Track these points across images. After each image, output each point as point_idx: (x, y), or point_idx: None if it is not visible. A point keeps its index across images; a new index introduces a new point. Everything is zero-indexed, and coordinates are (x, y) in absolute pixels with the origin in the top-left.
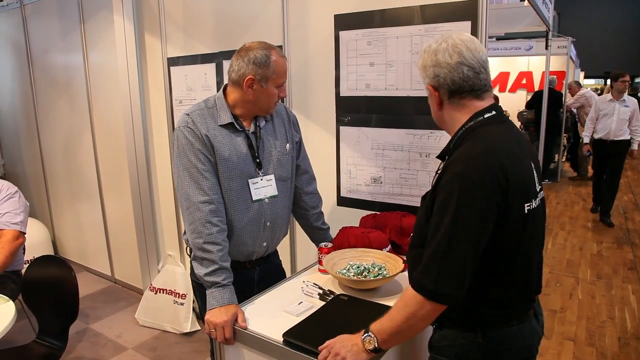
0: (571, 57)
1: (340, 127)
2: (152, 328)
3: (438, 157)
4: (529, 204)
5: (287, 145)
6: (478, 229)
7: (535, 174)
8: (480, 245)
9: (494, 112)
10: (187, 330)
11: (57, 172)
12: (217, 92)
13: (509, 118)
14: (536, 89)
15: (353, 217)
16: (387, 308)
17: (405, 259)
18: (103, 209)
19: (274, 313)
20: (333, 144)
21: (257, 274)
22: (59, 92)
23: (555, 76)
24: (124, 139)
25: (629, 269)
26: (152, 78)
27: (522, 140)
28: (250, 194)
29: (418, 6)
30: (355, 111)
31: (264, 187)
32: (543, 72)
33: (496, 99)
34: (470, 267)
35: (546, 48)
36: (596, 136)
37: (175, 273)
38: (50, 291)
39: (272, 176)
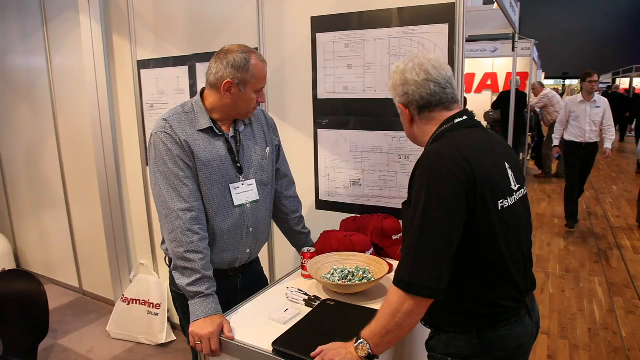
0: (534, 59)
1: (318, 130)
2: (125, 340)
3: (416, 164)
4: (502, 200)
5: (267, 149)
6: (449, 218)
7: (510, 173)
8: (453, 234)
9: (465, 117)
10: (163, 341)
11: (19, 181)
12: (194, 96)
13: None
14: (501, 89)
15: (332, 220)
16: (374, 311)
17: (389, 262)
18: (69, 218)
19: (260, 322)
20: (311, 147)
21: (240, 282)
22: (19, 96)
23: (518, 77)
24: (92, 144)
25: (595, 262)
26: (121, 81)
27: (495, 141)
28: (232, 199)
29: (396, 9)
30: (333, 114)
31: (245, 192)
32: (508, 73)
33: (465, 100)
34: (445, 257)
35: (513, 50)
36: (568, 138)
37: (149, 282)
38: (17, 307)
39: (253, 181)
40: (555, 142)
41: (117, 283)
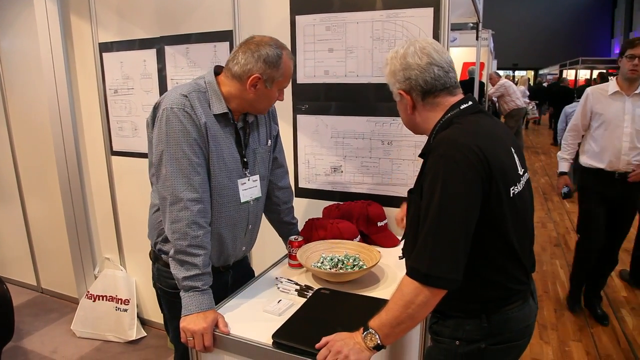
0: (490, 49)
1: (298, 116)
2: (92, 339)
3: (420, 156)
4: (513, 187)
5: (269, 141)
6: (466, 207)
7: (516, 158)
8: (470, 223)
9: (470, 103)
10: (133, 338)
11: None
12: (206, 75)
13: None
14: (458, 79)
15: (313, 208)
16: (370, 299)
17: (378, 249)
18: (24, 212)
19: (254, 314)
20: (290, 134)
21: (230, 277)
22: None
23: (474, 67)
24: (51, 133)
25: (555, 245)
26: (81, 66)
27: (499, 126)
28: (239, 196)
29: None
30: (314, 99)
31: (250, 189)
32: (464, 63)
33: None
34: (463, 247)
35: (477, 39)
36: (587, 162)
37: (116, 277)
38: None
39: (257, 177)
40: (563, 168)
41: (80, 279)
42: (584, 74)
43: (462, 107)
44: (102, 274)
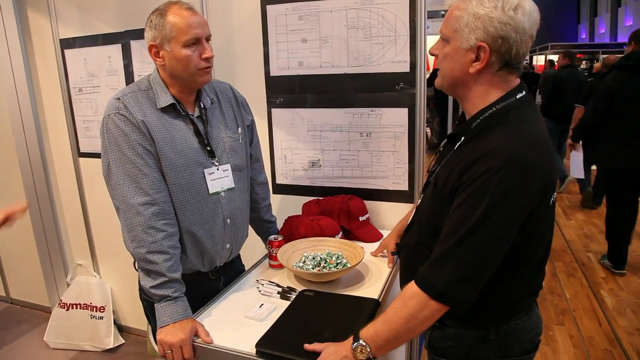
0: None
1: (272, 110)
2: (67, 350)
3: (449, 136)
4: (553, 195)
5: (239, 129)
6: (507, 233)
7: None
8: (506, 247)
9: (524, 92)
10: (110, 346)
11: None
12: (152, 72)
13: None
14: (431, 67)
15: (291, 204)
16: (357, 299)
17: (360, 245)
18: None
19: (234, 321)
20: (265, 128)
21: (222, 284)
22: None
23: None
24: (12, 135)
25: None
26: (41, 63)
27: (543, 122)
28: (207, 187)
29: None
30: (288, 91)
31: (220, 179)
32: None
33: None
34: (488, 272)
35: None
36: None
37: (89, 284)
38: None
39: (228, 166)
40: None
41: (52, 288)
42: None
43: (518, 96)
44: (75, 281)
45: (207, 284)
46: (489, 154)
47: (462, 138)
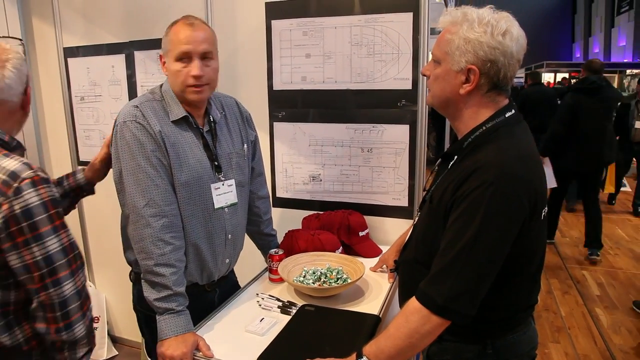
0: None
1: (275, 123)
2: None
3: (443, 155)
4: (545, 209)
5: (244, 146)
6: (502, 245)
7: None
8: (501, 260)
9: (513, 111)
10: (104, 358)
11: None
12: (164, 82)
13: None
14: None
15: (292, 218)
16: (358, 314)
17: (360, 260)
18: None
19: (235, 335)
20: (267, 142)
21: (217, 297)
22: None
23: None
24: None
25: None
26: (44, 71)
27: (533, 140)
28: (213, 202)
29: None
30: (291, 106)
31: (225, 194)
32: None
33: None
34: (487, 284)
35: None
36: None
37: None
38: None
39: (232, 181)
40: None
41: None
42: (549, 77)
43: (507, 115)
44: None
45: (203, 296)
46: (481, 169)
47: (455, 157)
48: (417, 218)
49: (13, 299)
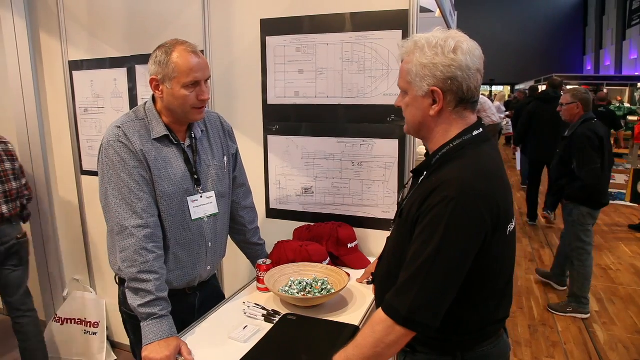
0: None
1: (268, 137)
2: None
3: (414, 171)
4: (510, 225)
5: (225, 158)
6: (465, 259)
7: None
8: (464, 274)
9: (481, 130)
10: None
11: None
12: (135, 100)
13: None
14: None
15: (284, 229)
16: (337, 324)
17: (347, 272)
18: None
19: (218, 341)
20: (261, 154)
21: (197, 300)
22: None
23: None
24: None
25: (530, 260)
26: (50, 84)
27: (501, 157)
28: (190, 213)
29: (349, 13)
30: (284, 120)
31: (203, 205)
32: None
33: None
34: (450, 296)
35: None
36: None
37: (85, 299)
38: None
39: (212, 193)
40: None
41: (48, 302)
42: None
43: (475, 133)
44: (71, 296)
45: (183, 299)
46: (443, 185)
47: (425, 173)
48: (391, 231)
49: None
